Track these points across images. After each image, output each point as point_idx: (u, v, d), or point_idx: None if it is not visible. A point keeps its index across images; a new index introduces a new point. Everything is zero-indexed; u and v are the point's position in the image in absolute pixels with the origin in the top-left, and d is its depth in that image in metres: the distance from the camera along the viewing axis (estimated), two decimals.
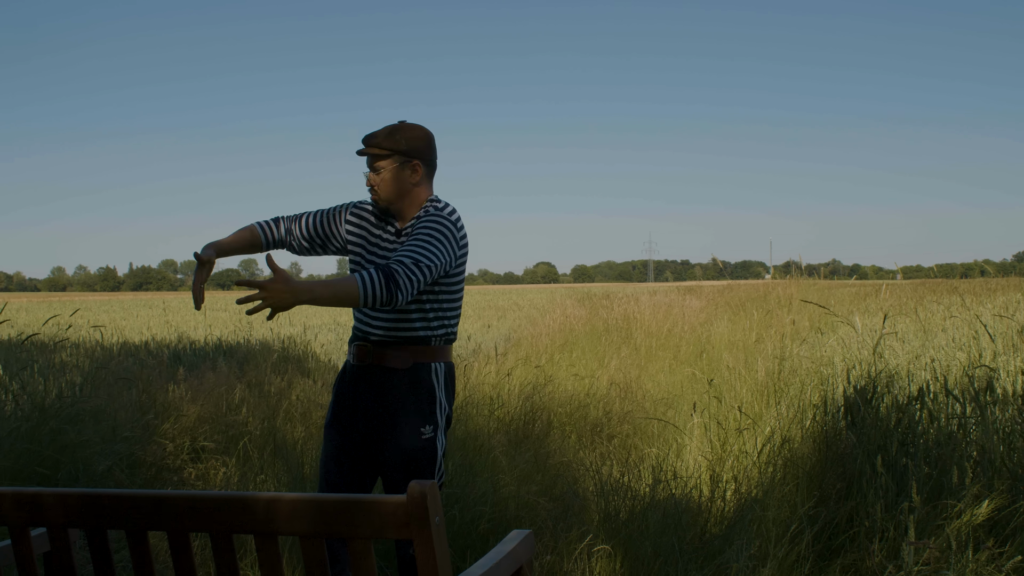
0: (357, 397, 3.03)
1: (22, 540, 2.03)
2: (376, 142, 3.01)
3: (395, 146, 2.99)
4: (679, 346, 10.62)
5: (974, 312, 9.31)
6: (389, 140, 3.00)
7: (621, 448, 6.04)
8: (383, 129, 3.03)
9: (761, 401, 6.07)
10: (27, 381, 6.13)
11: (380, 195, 3.02)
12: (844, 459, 3.99)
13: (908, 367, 5.94)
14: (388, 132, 3.01)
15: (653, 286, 41.20)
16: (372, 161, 3.01)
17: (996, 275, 16.71)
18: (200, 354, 10.69)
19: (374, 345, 3.00)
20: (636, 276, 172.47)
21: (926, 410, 4.25)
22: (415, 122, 3.07)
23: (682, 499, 4.10)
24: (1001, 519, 3.46)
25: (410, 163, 3.00)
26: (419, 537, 1.73)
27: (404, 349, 2.98)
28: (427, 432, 2.98)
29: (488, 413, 6.14)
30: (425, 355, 3.00)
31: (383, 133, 3.02)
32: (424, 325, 2.99)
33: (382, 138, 3.00)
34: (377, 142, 3.00)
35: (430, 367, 3.01)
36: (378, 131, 3.03)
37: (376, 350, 2.99)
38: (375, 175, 3.01)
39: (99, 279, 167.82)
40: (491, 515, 4.15)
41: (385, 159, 3.00)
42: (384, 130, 3.02)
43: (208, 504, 1.85)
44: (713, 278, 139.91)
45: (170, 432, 5.77)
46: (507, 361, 8.46)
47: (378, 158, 3.00)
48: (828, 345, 8.27)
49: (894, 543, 3.40)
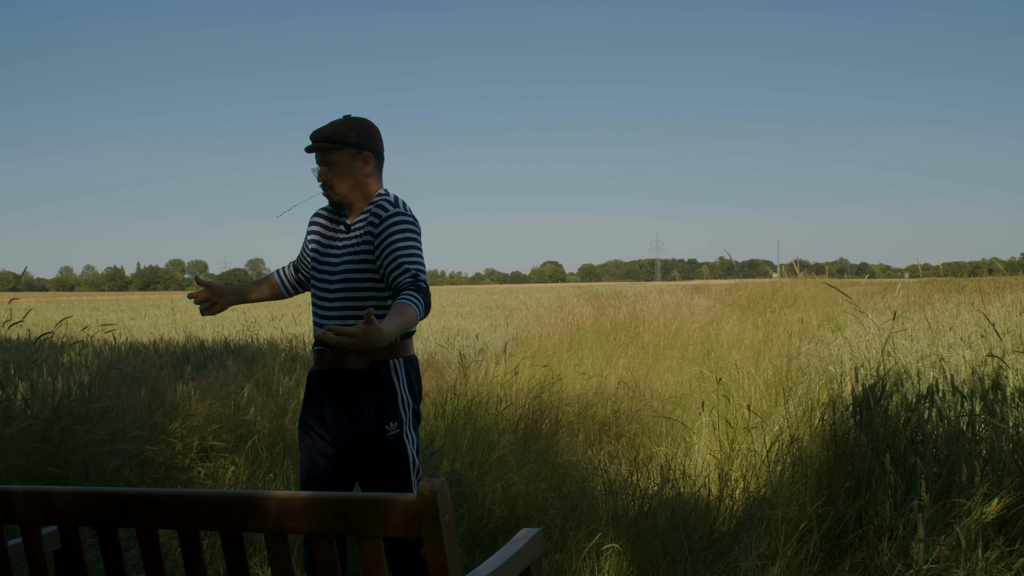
0: (322, 402, 3.05)
1: (33, 538, 2.04)
2: (327, 135, 3.04)
3: (346, 139, 3.03)
4: (687, 345, 10.62)
5: (982, 310, 9.28)
6: (340, 133, 3.03)
7: (629, 447, 6.04)
8: (330, 124, 3.06)
9: (769, 400, 6.07)
10: (36, 380, 6.15)
11: (334, 189, 3.06)
12: (853, 458, 3.98)
13: (917, 366, 5.92)
14: (337, 126, 3.05)
15: (660, 285, 41.18)
16: (324, 155, 3.05)
17: (1005, 273, 16.66)
18: (208, 353, 10.72)
19: (332, 349, 2.99)
20: (643, 275, 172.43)
21: (935, 408, 4.24)
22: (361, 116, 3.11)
23: (691, 498, 4.10)
24: (1010, 518, 3.46)
25: (361, 155, 3.05)
26: (429, 535, 1.74)
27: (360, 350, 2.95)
28: (392, 429, 2.97)
29: (496, 412, 6.15)
30: (382, 353, 2.97)
31: (332, 127, 3.05)
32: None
33: (332, 131, 3.04)
34: (328, 135, 3.04)
35: (388, 364, 2.99)
36: (326, 126, 3.06)
37: (334, 353, 2.98)
38: (327, 169, 3.04)
39: (107, 279, 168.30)
40: (500, 513, 4.16)
41: (337, 152, 3.03)
42: (332, 124, 3.06)
43: (218, 502, 1.85)
44: (720, 277, 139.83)
45: (179, 431, 5.79)
46: (515, 360, 8.45)
47: (330, 151, 3.04)
48: (836, 344, 8.26)
49: (903, 542, 3.40)
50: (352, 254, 3.02)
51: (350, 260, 3.01)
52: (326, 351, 3.00)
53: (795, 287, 15.49)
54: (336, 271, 3.04)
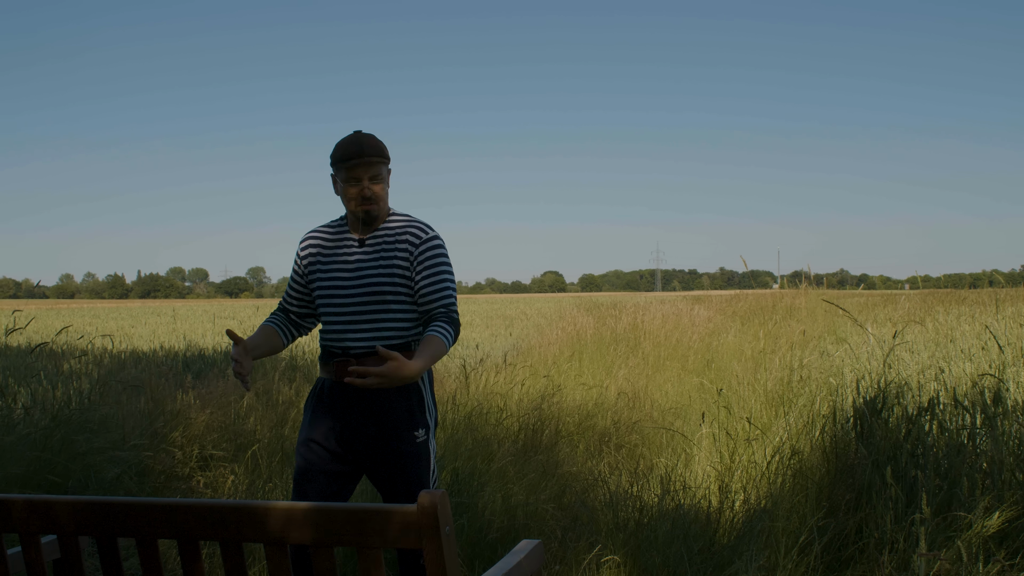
0: (344, 413, 3.00)
1: (33, 547, 2.03)
2: (379, 151, 3.02)
3: (387, 155, 3.05)
4: (687, 356, 10.61)
5: (983, 322, 9.28)
6: (383, 148, 3.04)
7: (629, 458, 6.03)
8: (370, 137, 3.04)
9: (770, 411, 6.06)
10: (36, 389, 6.15)
11: (378, 205, 3.03)
12: (853, 470, 3.98)
13: (918, 378, 5.92)
14: (376, 141, 3.04)
15: (661, 295, 41.16)
16: (375, 171, 3.02)
17: (1005, 285, 16.66)
18: (208, 362, 10.72)
19: (357, 359, 2.98)
20: (643, 285, 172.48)
21: (936, 421, 4.23)
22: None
23: (691, 509, 4.09)
24: (1012, 531, 3.45)
25: (389, 172, 3.09)
26: (429, 546, 1.73)
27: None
28: (420, 436, 3.00)
29: (496, 422, 6.14)
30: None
31: (377, 142, 3.04)
32: (405, 330, 3.02)
33: (379, 146, 3.03)
34: (380, 150, 3.02)
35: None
36: (368, 139, 3.04)
37: (360, 363, 2.97)
38: (377, 185, 3.02)
39: (107, 286, 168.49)
40: (500, 524, 4.15)
41: (382, 166, 3.04)
42: (371, 139, 3.04)
43: (218, 512, 1.85)
44: (721, 287, 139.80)
45: (179, 440, 5.79)
46: (515, 370, 8.45)
47: (379, 165, 3.03)
48: (837, 356, 8.25)
49: (904, 555, 3.39)
50: (374, 267, 3.01)
51: (371, 273, 3.01)
52: (351, 362, 2.98)
53: (796, 298, 15.48)
54: (352, 283, 3.02)
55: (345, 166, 3.00)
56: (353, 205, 3.03)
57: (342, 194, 3.06)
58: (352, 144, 3.01)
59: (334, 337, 3.04)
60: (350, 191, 3.01)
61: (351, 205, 3.03)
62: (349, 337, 3.01)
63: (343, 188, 3.03)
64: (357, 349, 2.99)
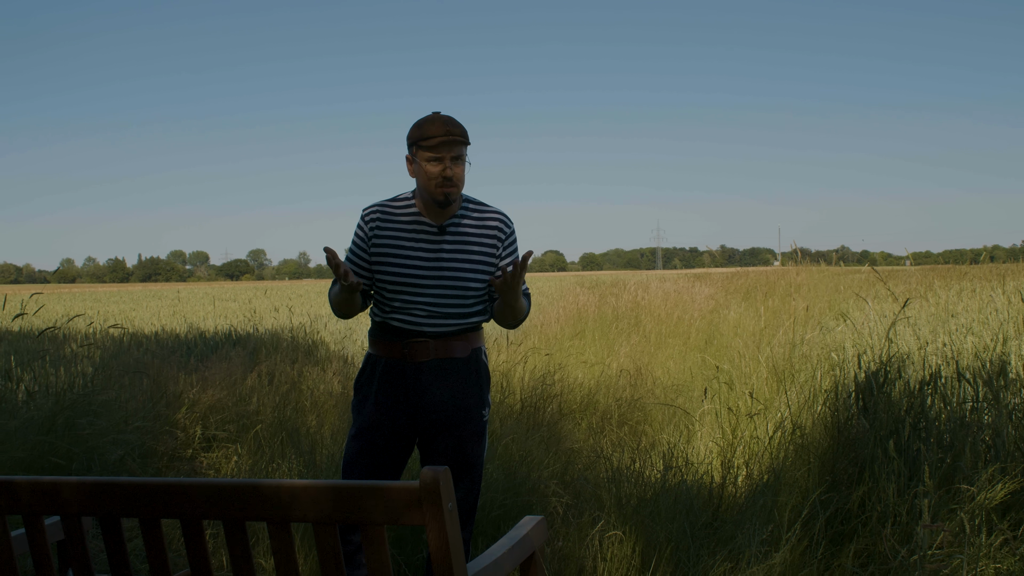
0: (416, 391, 2.98)
1: (37, 528, 2.03)
2: (464, 132, 2.96)
3: (468, 138, 3.00)
4: (689, 333, 10.61)
5: (985, 297, 9.27)
6: (465, 131, 2.98)
7: (632, 435, 6.04)
8: (451, 119, 2.96)
9: (772, 387, 6.06)
10: (39, 372, 6.16)
11: (457, 188, 2.97)
12: (856, 444, 3.98)
13: (920, 352, 5.92)
14: (458, 122, 2.97)
15: (662, 273, 41.16)
16: (459, 151, 2.95)
17: (1006, 260, 16.64)
18: (211, 344, 10.72)
19: (434, 339, 2.98)
20: (644, 264, 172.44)
21: (938, 394, 4.23)
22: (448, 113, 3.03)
23: (693, 485, 4.10)
24: (1015, 503, 3.45)
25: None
26: (432, 523, 1.73)
27: (464, 338, 3.03)
28: (485, 415, 3.08)
29: (499, 400, 6.14)
30: (477, 340, 3.08)
31: (460, 124, 2.97)
32: (479, 314, 3.07)
33: (464, 129, 2.97)
34: (465, 133, 2.96)
35: (481, 350, 3.10)
36: (452, 120, 2.96)
37: (438, 343, 2.98)
38: (458, 166, 2.95)
39: (108, 270, 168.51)
40: (503, 501, 4.15)
41: (464, 149, 2.98)
42: (453, 120, 2.96)
43: (221, 492, 1.85)
44: (722, 265, 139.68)
45: (181, 422, 5.79)
46: (517, 349, 8.45)
47: (463, 147, 2.97)
48: (839, 331, 8.25)
49: (907, 527, 3.39)
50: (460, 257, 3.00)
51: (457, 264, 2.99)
52: (428, 343, 2.97)
53: (797, 275, 15.46)
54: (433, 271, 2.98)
55: (428, 144, 2.92)
56: (433, 186, 2.94)
57: (421, 174, 2.96)
58: (436, 122, 2.94)
59: (407, 320, 2.99)
60: (432, 170, 2.92)
61: (431, 185, 2.94)
62: (425, 321, 2.98)
63: (423, 168, 2.94)
64: (438, 329, 2.98)
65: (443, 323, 2.99)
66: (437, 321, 2.98)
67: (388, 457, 3.03)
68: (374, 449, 3.02)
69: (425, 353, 2.97)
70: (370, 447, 3.02)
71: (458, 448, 3.02)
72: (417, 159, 2.96)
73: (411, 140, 2.98)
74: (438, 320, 2.98)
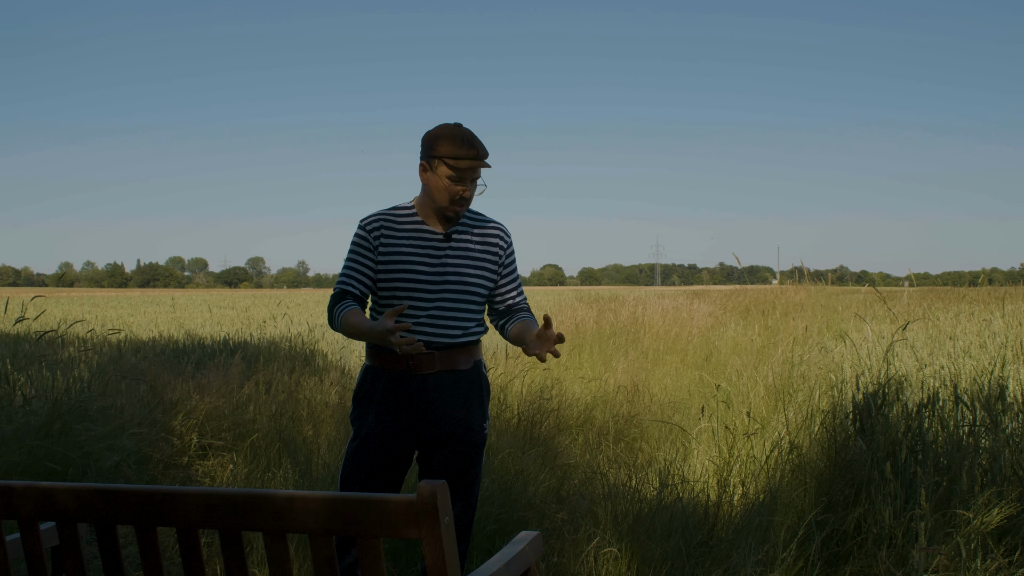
0: (421, 404, 2.97)
1: (32, 534, 2.03)
2: (487, 155, 2.97)
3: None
4: (687, 350, 10.60)
5: (983, 320, 9.28)
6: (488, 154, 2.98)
7: (628, 451, 6.03)
8: (477, 140, 2.96)
9: (769, 406, 6.06)
10: (35, 377, 6.14)
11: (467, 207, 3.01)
12: (853, 465, 3.97)
13: (918, 374, 5.92)
14: (483, 145, 2.97)
15: (660, 290, 41.12)
16: (477, 175, 2.98)
17: (1004, 283, 16.67)
18: (208, 351, 10.70)
19: (440, 351, 2.98)
20: (643, 279, 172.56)
21: (936, 417, 4.23)
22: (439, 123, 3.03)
23: (689, 503, 4.10)
24: (1011, 527, 3.45)
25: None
26: (428, 536, 1.73)
27: (468, 350, 3.04)
28: (486, 428, 3.10)
29: (496, 414, 6.14)
30: (478, 352, 3.10)
31: (483, 146, 2.97)
32: (480, 325, 3.10)
33: (486, 150, 2.97)
34: (487, 155, 2.97)
35: (482, 363, 3.12)
36: (479, 142, 2.96)
37: (443, 355, 2.98)
38: (475, 188, 2.98)
39: (106, 275, 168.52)
40: (499, 516, 4.15)
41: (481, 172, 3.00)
42: (479, 142, 2.96)
43: (218, 501, 1.84)
44: (721, 282, 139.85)
45: (178, 429, 5.79)
46: (515, 363, 8.44)
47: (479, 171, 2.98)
48: (837, 351, 8.25)
49: (902, 550, 3.39)
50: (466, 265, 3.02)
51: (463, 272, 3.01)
52: (434, 355, 2.97)
53: (796, 294, 15.46)
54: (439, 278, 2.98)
55: (455, 162, 2.91)
56: (447, 201, 2.95)
57: (435, 186, 2.95)
58: (467, 141, 2.92)
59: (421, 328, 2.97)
60: (452, 188, 2.93)
61: (443, 200, 2.95)
62: (429, 332, 2.97)
63: (439, 181, 2.93)
64: (444, 342, 2.98)
65: (447, 333, 2.98)
66: (439, 330, 2.98)
67: (389, 471, 3.02)
68: (375, 462, 3.00)
69: (431, 365, 2.97)
70: (372, 460, 3.00)
71: (458, 462, 3.02)
72: (436, 170, 2.95)
73: (434, 151, 2.94)
74: (442, 330, 2.98)
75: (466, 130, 2.96)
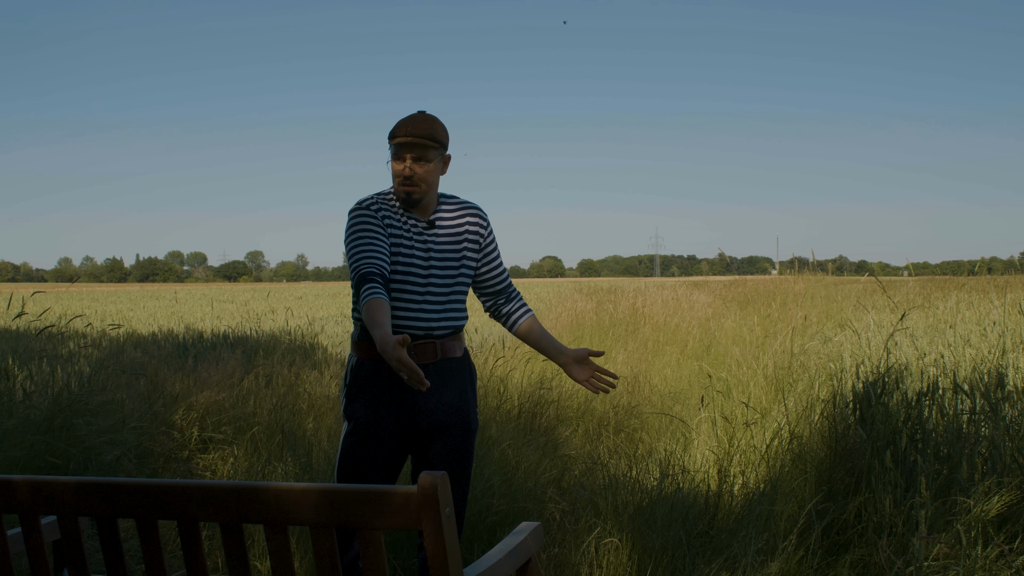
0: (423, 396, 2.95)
1: (33, 528, 2.03)
2: (430, 134, 2.93)
3: (442, 139, 2.97)
4: (686, 341, 10.60)
5: (983, 308, 9.28)
6: (439, 133, 2.96)
7: (628, 442, 6.04)
8: (425, 118, 2.96)
9: (769, 396, 6.06)
10: (36, 372, 6.15)
11: (419, 188, 2.94)
12: (853, 454, 3.98)
13: (918, 363, 5.92)
14: (433, 124, 2.95)
15: (659, 281, 41.14)
16: (421, 153, 2.93)
17: (1004, 272, 16.66)
18: (208, 345, 10.71)
19: (438, 340, 2.99)
20: (642, 271, 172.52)
21: (936, 406, 4.23)
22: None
23: (690, 493, 4.10)
24: (1011, 515, 3.45)
25: (444, 158, 3.02)
26: (429, 528, 1.73)
27: (458, 338, 3.07)
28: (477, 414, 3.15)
29: (496, 406, 6.14)
30: (464, 339, 3.12)
31: (430, 125, 2.95)
32: (464, 310, 3.11)
33: (433, 130, 2.94)
34: (431, 134, 2.93)
35: (467, 350, 3.15)
36: (422, 120, 2.95)
37: (441, 344, 2.99)
38: (420, 166, 2.92)
39: (106, 270, 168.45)
40: (499, 507, 4.15)
41: (432, 151, 2.95)
42: (428, 120, 2.95)
43: (219, 493, 1.84)
44: (720, 273, 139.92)
45: (178, 423, 5.79)
46: (514, 354, 8.44)
47: (426, 149, 2.93)
48: (837, 341, 8.25)
49: (903, 538, 3.39)
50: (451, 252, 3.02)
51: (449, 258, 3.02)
52: (434, 343, 2.97)
53: (795, 284, 15.47)
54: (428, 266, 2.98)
55: (392, 142, 2.96)
56: (396, 183, 2.97)
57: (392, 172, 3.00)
58: (403, 122, 2.95)
59: (405, 317, 2.96)
60: (394, 167, 2.96)
61: (395, 183, 2.98)
62: (422, 319, 2.97)
63: (392, 165, 2.98)
64: (442, 331, 3.00)
65: (436, 319, 2.98)
66: (430, 317, 2.97)
67: (386, 463, 3.01)
68: (373, 454, 2.99)
69: (431, 355, 2.97)
70: (369, 452, 2.99)
71: (454, 450, 3.02)
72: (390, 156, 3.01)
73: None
74: (432, 316, 2.98)
75: (415, 114, 2.98)
